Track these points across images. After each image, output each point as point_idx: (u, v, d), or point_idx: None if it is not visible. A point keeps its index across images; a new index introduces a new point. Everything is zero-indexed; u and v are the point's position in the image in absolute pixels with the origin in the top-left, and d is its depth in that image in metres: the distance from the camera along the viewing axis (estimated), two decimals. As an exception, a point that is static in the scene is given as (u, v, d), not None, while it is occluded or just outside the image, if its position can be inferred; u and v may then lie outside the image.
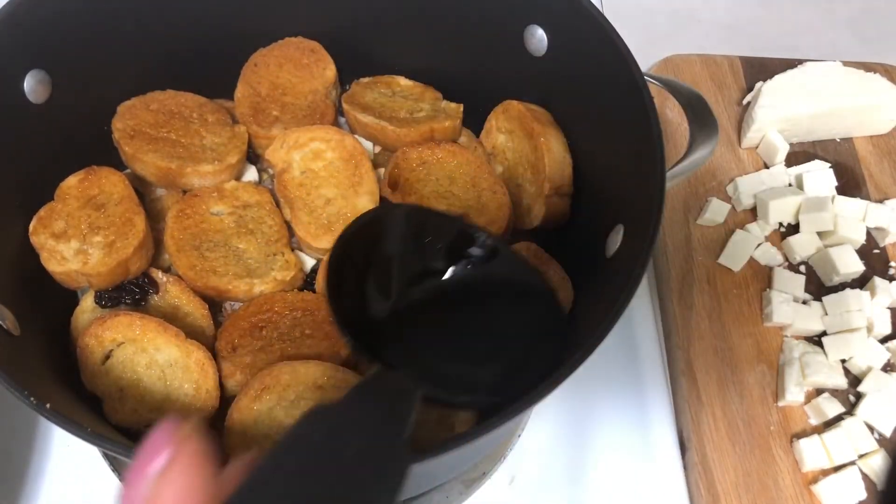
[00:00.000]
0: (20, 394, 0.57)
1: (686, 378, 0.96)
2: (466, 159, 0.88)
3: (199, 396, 0.73)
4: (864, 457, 0.91)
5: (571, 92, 0.83)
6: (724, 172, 1.12)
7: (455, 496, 0.86)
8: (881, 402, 0.93)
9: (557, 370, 0.56)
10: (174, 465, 0.32)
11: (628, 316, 1.01)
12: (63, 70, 0.79)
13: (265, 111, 0.90)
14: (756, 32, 1.35)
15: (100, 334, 0.74)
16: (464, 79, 0.93)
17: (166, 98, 0.88)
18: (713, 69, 1.22)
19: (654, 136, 0.68)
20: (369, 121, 0.89)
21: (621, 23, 0.76)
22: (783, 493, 0.89)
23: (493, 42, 0.88)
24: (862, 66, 1.16)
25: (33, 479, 0.86)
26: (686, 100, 0.84)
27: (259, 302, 0.79)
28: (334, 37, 0.93)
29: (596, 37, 0.75)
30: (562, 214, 0.86)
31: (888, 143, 1.16)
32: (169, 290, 0.81)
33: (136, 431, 0.72)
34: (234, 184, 0.86)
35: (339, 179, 0.86)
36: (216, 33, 0.90)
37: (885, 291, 1.00)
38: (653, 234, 0.64)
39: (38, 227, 0.79)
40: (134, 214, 0.79)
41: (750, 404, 0.94)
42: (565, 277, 0.81)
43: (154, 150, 0.83)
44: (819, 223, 1.04)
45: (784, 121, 1.11)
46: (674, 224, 1.07)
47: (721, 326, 1.00)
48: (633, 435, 0.93)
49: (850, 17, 1.40)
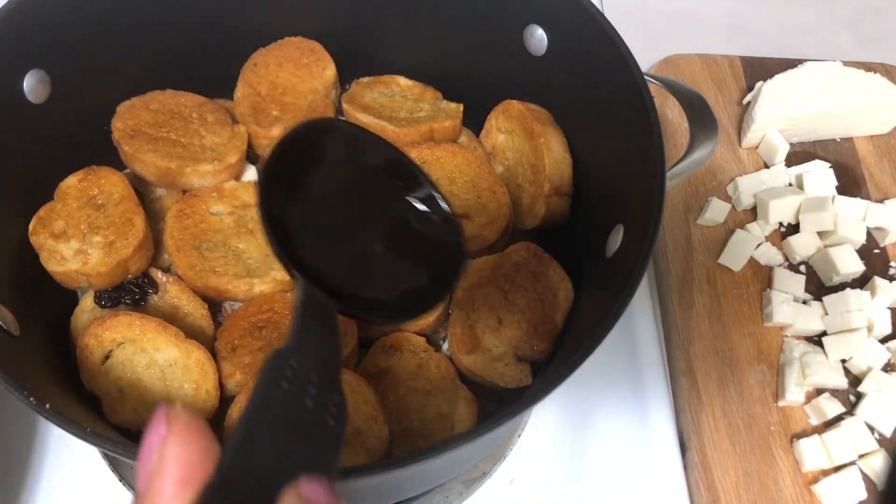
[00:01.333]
0: (20, 394, 0.57)
1: (686, 378, 0.96)
2: (466, 159, 0.88)
3: (198, 396, 0.73)
4: (865, 457, 0.91)
5: (571, 92, 0.83)
6: (724, 172, 1.12)
7: (455, 496, 0.86)
8: (881, 402, 0.93)
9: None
10: (171, 434, 0.38)
11: (628, 316, 1.00)
12: (63, 70, 0.79)
13: (265, 111, 0.90)
14: (756, 32, 1.35)
15: (99, 334, 0.74)
16: (464, 79, 0.93)
17: (166, 98, 0.88)
18: (713, 69, 1.22)
19: (654, 136, 0.68)
20: (369, 121, 0.89)
21: (621, 23, 0.76)
22: (783, 494, 0.89)
23: (493, 42, 0.88)
24: (862, 66, 1.16)
25: (33, 479, 0.86)
26: (686, 100, 0.84)
27: (259, 302, 0.79)
28: (334, 37, 0.93)
29: (596, 37, 0.75)
30: (562, 214, 0.86)
31: (888, 143, 1.16)
32: (169, 290, 0.81)
33: (136, 431, 0.72)
34: (233, 184, 0.85)
35: (338, 179, 0.86)
36: (216, 33, 0.90)
37: (885, 291, 1.00)
38: (653, 234, 0.64)
39: (37, 227, 0.79)
40: (134, 214, 0.79)
41: (750, 404, 0.94)
42: (565, 277, 0.81)
43: (154, 150, 0.83)
44: (819, 223, 1.04)
45: (784, 121, 1.11)
46: (674, 224, 1.07)
47: (721, 326, 1.00)
48: (633, 435, 0.93)
49: (850, 17, 1.40)
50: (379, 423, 0.71)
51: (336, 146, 0.66)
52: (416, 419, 0.75)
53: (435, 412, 0.75)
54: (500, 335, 0.79)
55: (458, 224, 0.68)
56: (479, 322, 0.80)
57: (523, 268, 0.82)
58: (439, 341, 0.84)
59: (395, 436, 0.73)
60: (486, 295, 0.81)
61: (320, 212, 0.65)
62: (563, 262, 0.82)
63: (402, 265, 0.66)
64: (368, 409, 0.71)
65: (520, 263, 0.82)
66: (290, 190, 0.63)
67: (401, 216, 0.67)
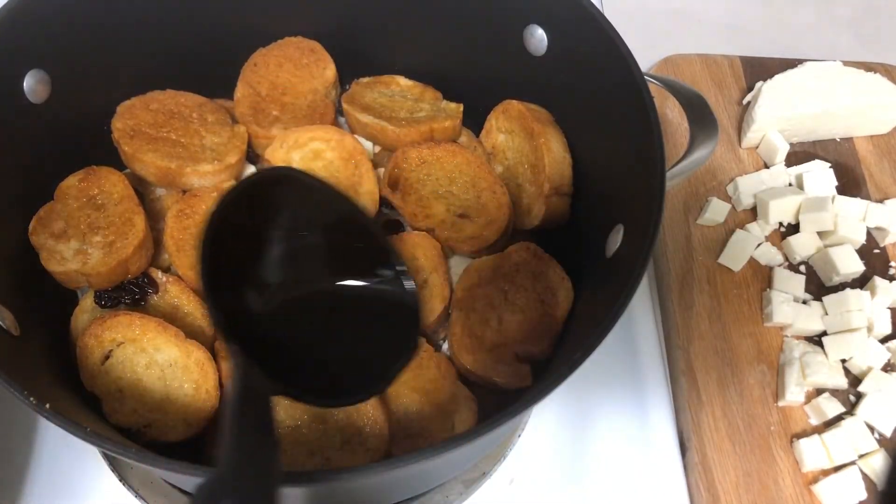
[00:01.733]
0: (20, 394, 0.57)
1: (686, 378, 0.96)
2: (466, 159, 0.88)
3: (199, 396, 0.73)
4: (865, 457, 0.91)
5: (571, 92, 0.83)
6: (724, 172, 1.12)
7: (455, 496, 0.86)
8: (881, 402, 0.93)
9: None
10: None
11: (628, 316, 1.00)
12: (63, 70, 0.79)
13: (265, 111, 0.90)
14: (756, 32, 1.35)
15: (99, 334, 0.74)
16: (464, 79, 0.93)
17: (166, 98, 0.88)
18: (713, 69, 1.22)
19: (654, 136, 0.68)
20: (369, 121, 0.89)
21: (621, 23, 0.77)
22: (783, 494, 0.89)
23: (493, 42, 0.88)
24: (862, 66, 1.16)
25: (33, 479, 0.86)
26: (686, 100, 0.84)
27: (259, 302, 0.79)
28: (334, 37, 0.93)
29: (596, 37, 0.76)
30: (562, 214, 0.86)
31: (888, 143, 1.16)
32: (169, 290, 0.81)
33: (136, 431, 0.72)
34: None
35: (338, 179, 0.86)
36: (216, 33, 0.90)
37: (885, 291, 1.00)
38: (653, 234, 0.64)
39: (37, 227, 0.79)
40: (134, 214, 0.79)
41: (750, 404, 0.94)
42: (565, 277, 0.81)
43: (154, 150, 0.83)
44: (819, 223, 1.04)
45: (784, 121, 1.11)
46: (674, 224, 1.07)
47: (721, 326, 1.00)
48: (633, 435, 0.93)
49: (850, 17, 1.40)
50: (379, 423, 0.71)
51: (293, 200, 0.60)
52: (416, 419, 0.75)
53: (435, 412, 0.75)
54: (500, 335, 0.79)
55: (417, 297, 0.62)
56: (479, 322, 0.79)
57: (523, 268, 0.82)
58: (439, 341, 0.84)
59: (395, 436, 0.73)
60: (486, 295, 0.81)
61: (270, 278, 0.60)
62: (563, 262, 0.82)
63: (354, 342, 0.61)
64: (368, 409, 0.71)
65: (520, 263, 0.82)
66: (236, 251, 0.58)
67: (357, 288, 0.62)
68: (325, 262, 0.63)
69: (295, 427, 0.71)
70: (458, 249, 0.85)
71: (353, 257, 0.63)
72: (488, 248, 0.84)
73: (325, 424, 0.71)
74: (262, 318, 0.59)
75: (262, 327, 0.58)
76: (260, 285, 0.60)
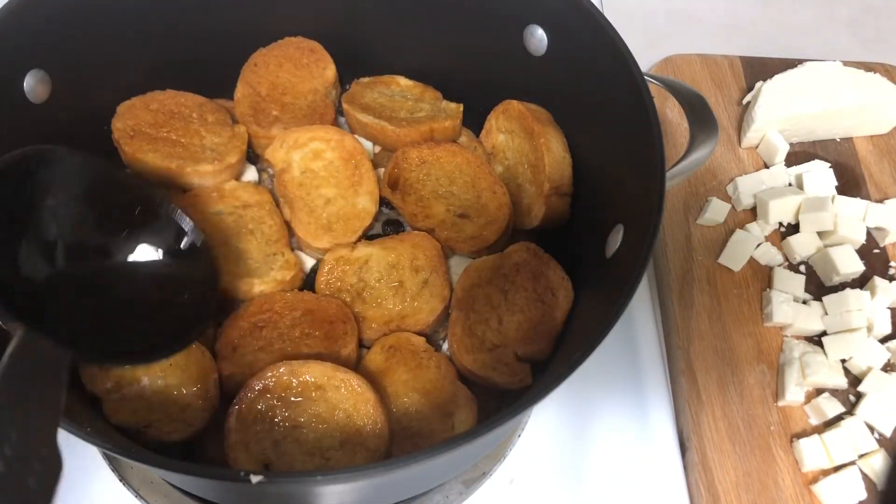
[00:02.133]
0: (20, 394, 0.56)
1: (686, 378, 0.96)
2: (466, 159, 0.88)
3: (199, 396, 0.73)
4: (865, 457, 0.91)
5: (571, 92, 0.83)
6: (724, 172, 1.12)
7: (455, 496, 0.86)
8: (881, 402, 0.93)
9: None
10: None
11: (628, 316, 1.01)
12: (63, 70, 0.79)
13: (265, 111, 0.90)
14: (756, 32, 1.35)
15: (100, 334, 0.74)
16: (464, 79, 0.93)
17: (166, 98, 0.88)
18: (713, 69, 1.23)
19: (654, 136, 0.68)
20: (369, 121, 0.89)
21: (621, 23, 0.77)
22: (783, 493, 0.89)
23: (494, 42, 0.88)
24: (862, 66, 1.16)
25: (33, 479, 0.86)
26: (686, 100, 0.84)
27: (259, 302, 0.79)
28: (334, 37, 0.93)
29: (596, 37, 0.76)
30: (562, 214, 0.86)
31: (888, 143, 1.16)
32: (169, 290, 0.81)
33: (136, 431, 0.72)
34: (233, 184, 0.85)
35: (338, 179, 0.86)
36: (216, 33, 0.90)
37: (885, 291, 1.00)
38: (653, 234, 0.64)
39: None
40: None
41: (750, 404, 0.94)
42: (565, 277, 0.81)
43: (154, 150, 0.83)
44: (819, 223, 1.04)
45: (784, 121, 1.11)
46: (674, 224, 1.07)
47: (721, 326, 1.00)
48: (634, 435, 0.93)
49: (850, 17, 1.40)
50: (379, 423, 0.71)
51: (62, 179, 0.63)
52: (416, 419, 0.75)
53: (435, 412, 0.75)
54: (500, 335, 0.79)
55: (210, 254, 0.65)
56: (479, 322, 0.80)
57: (523, 268, 0.82)
58: (439, 341, 0.84)
59: (395, 436, 0.73)
60: (486, 295, 0.81)
61: (53, 253, 0.62)
62: (563, 262, 0.82)
63: (150, 303, 0.64)
64: (368, 409, 0.71)
65: (520, 263, 0.82)
66: (12, 232, 0.59)
67: (146, 251, 0.65)
68: (106, 229, 0.66)
69: (295, 427, 0.71)
70: (458, 249, 0.85)
71: (136, 222, 0.67)
72: (488, 248, 0.84)
73: (326, 424, 0.72)
74: (53, 291, 0.60)
75: (56, 301, 0.60)
76: (43, 260, 0.62)
